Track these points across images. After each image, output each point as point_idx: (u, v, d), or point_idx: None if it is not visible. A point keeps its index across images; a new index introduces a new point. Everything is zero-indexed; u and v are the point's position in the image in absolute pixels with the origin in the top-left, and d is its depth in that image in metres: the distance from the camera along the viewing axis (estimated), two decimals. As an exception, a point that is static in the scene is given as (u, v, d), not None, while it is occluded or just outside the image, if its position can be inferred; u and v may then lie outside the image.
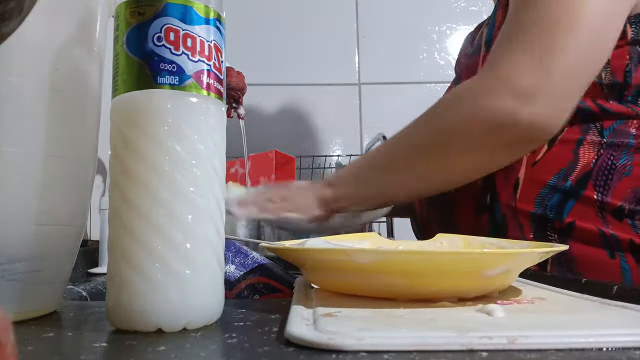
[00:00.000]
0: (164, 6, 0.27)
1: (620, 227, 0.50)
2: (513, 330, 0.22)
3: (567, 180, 0.52)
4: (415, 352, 0.21)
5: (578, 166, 0.53)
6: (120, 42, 0.28)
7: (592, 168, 0.52)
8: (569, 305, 0.30)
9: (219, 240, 0.29)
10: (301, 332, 0.23)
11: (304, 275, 0.38)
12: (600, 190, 0.51)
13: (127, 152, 0.27)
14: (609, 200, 0.51)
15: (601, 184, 0.51)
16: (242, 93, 0.99)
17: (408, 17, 1.35)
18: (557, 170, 0.53)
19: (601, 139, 0.53)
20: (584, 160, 0.52)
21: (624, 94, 0.53)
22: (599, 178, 0.52)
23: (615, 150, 0.52)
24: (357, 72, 1.35)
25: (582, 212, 0.51)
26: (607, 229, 0.50)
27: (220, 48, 0.29)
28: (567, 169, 0.53)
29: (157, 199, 0.26)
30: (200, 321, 0.27)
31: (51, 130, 0.30)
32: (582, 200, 0.52)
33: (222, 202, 0.29)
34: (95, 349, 0.24)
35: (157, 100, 0.27)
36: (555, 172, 0.53)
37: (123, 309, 0.26)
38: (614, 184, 0.51)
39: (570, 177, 0.52)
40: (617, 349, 0.21)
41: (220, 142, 0.29)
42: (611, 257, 0.50)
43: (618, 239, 0.50)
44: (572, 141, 0.53)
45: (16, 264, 0.29)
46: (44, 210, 0.30)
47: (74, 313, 0.33)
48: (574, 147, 0.53)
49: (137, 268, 0.26)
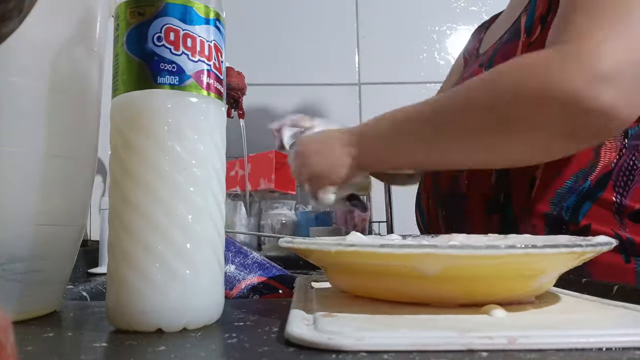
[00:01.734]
0: (164, 6, 0.27)
1: (637, 231, 0.49)
2: (513, 330, 0.22)
3: (587, 180, 0.51)
4: (415, 352, 0.21)
5: (599, 166, 0.51)
6: (120, 42, 0.28)
7: (612, 168, 0.51)
8: (569, 305, 0.30)
9: (219, 240, 0.29)
10: (301, 332, 0.23)
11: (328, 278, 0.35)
12: (619, 191, 0.50)
13: (127, 152, 0.27)
14: (628, 202, 0.50)
15: (621, 185, 0.50)
16: (242, 93, 0.99)
17: (408, 17, 1.36)
18: (576, 170, 0.52)
19: (624, 139, 0.51)
20: (605, 161, 0.51)
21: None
22: (619, 179, 0.50)
23: (638, 150, 0.51)
24: (357, 72, 1.35)
25: (598, 215, 0.50)
26: (623, 233, 0.49)
27: (220, 48, 0.29)
28: (587, 169, 0.51)
29: (157, 199, 0.26)
30: (200, 321, 0.27)
31: (51, 130, 0.30)
32: (599, 202, 0.50)
33: (222, 202, 0.29)
34: (95, 349, 0.24)
35: (157, 100, 0.27)
36: (574, 171, 0.52)
37: (123, 309, 0.26)
38: (635, 185, 0.50)
39: (590, 177, 0.51)
40: (617, 349, 0.21)
41: (220, 142, 0.29)
42: (626, 262, 0.49)
43: (634, 242, 0.48)
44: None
45: (16, 264, 0.29)
46: (44, 210, 0.30)
47: (74, 313, 0.33)
48: (595, 146, 0.51)
49: (137, 268, 0.26)
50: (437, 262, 0.26)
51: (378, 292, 0.30)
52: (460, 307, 0.28)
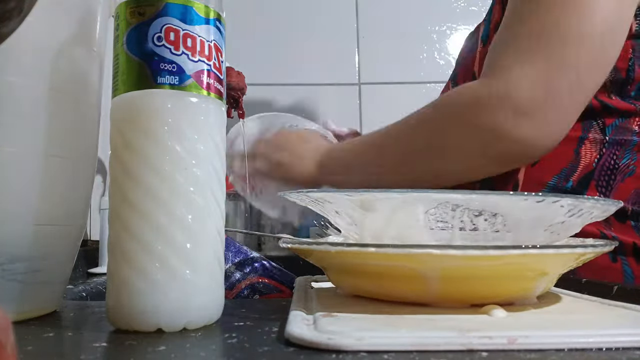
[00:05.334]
0: (164, 6, 0.27)
1: (623, 230, 0.49)
2: (513, 330, 0.22)
3: (569, 180, 0.51)
4: (415, 352, 0.21)
5: (580, 166, 0.51)
6: (120, 42, 0.28)
7: (594, 168, 0.51)
8: (569, 305, 0.30)
9: (219, 240, 0.29)
10: (301, 332, 0.23)
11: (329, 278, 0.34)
12: (602, 191, 0.50)
13: (127, 152, 0.27)
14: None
15: (604, 185, 0.50)
16: (242, 93, 0.99)
17: (408, 17, 1.35)
18: (557, 170, 0.52)
19: (603, 136, 0.51)
20: (585, 160, 0.51)
21: (627, 89, 0.51)
22: (602, 178, 0.50)
23: (618, 149, 0.51)
24: (357, 72, 1.35)
25: None
26: (609, 232, 0.49)
27: (220, 48, 0.29)
28: (568, 169, 0.52)
29: (157, 199, 0.26)
30: (200, 321, 0.27)
31: (51, 130, 0.30)
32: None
33: (222, 202, 0.29)
34: (95, 349, 0.24)
35: (157, 100, 0.27)
36: (556, 172, 0.52)
37: (123, 309, 0.26)
38: (617, 184, 0.50)
39: (571, 178, 0.51)
40: (617, 349, 0.21)
41: (220, 142, 0.29)
42: (613, 261, 0.49)
43: (620, 242, 0.48)
44: (574, 139, 0.52)
45: (16, 264, 0.29)
46: (44, 210, 0.30)
47: (74, 313, 0.33)
48: (575, 145, 0.52)
49: (137, 268, 0.26)
50: (437, 263, 0.26)
51: (378, 292, 0.30)
52: (460, 307, 0.28)
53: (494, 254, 0.25)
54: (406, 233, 0.31)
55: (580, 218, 0.29)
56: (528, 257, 0.26)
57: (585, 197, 0.28)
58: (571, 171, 0.52)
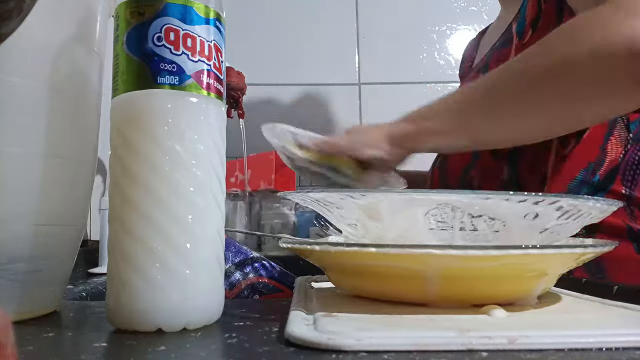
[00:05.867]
0: (164, 6, 0.27)
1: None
2: (513, 330, 0.22)
3: (596, 175, 0.53)
4: (415, 352, 0.21)
5: (606, 161, 0.53)
6: (120, 42, 0.28)
7: (619, 163, 0.52)
8: (569, 305, 0.30)
9: (219, 240, 0.29)
10: (301, 332, 0.23)
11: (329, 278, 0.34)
12: (627, 185, 0.52)
13: (127, 152, 0.27)
14: (637, 194, 0.51)
15: (629, 179, 0.52)
16: (242, 93, 0.99)
17: (408, 17, 1.35)
18: (585, 165, 0.53)
19: (628, 133, 0.53)
20: (611, 156, 0.53)
21: None
22: (627, 173, 0.52)
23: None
24: (357, 72, 1.35)
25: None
26: (634, 224, 0.51)
27: (220, 48, 0.29)
28: (594, 164, 0.53)
29: (157, 199, 0.26)
30: (200, 321, 0.27)
31: (51, 130, 0.30)
32: (610, 193, 0.52)
33: (222, 202, 0.29)
34: (95, 349, 0.24)
35: (157, 100, 0.27)
36: (583, 166, 0.53)
37: (123, 309, 0.26)
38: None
39: (598, 172, 0.53)
40: (617, 349, 0.21)
41: (220, 142, 0.29)
42: (637, 252, 0.50)
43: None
44: (599, 136, 0.53)
45: (16, 264, 0.29)
46: (44, 210, 0.30)
47: (74, 313, 0.33)
48: (601, 142, 0.53)
49: (137, 268, 0.26)
50: (437, 263, 0.26)
51: (378, 292, 0.30)
52: (460, 307, 0.28)
53: (494, 254, 0.25)
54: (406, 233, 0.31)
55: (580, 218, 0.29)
56: (528, 257, 0.26)
57: (585, 197, 0.28)
58: (598, 166, 0.53)
